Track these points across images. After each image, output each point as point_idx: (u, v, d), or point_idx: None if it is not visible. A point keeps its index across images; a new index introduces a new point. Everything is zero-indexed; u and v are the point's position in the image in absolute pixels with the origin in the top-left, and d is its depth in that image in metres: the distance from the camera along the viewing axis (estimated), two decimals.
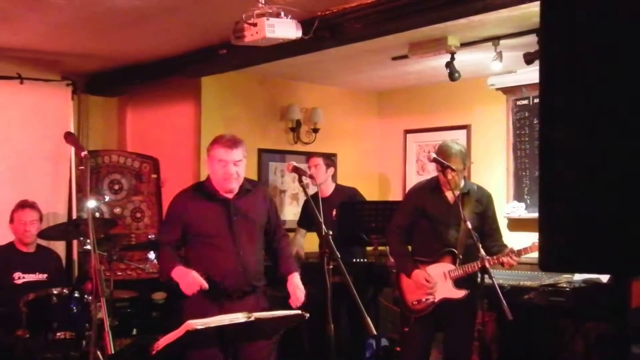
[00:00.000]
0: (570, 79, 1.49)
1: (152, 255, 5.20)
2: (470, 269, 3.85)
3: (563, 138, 1.49)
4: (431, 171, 4.96)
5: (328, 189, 5.29)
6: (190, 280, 3.30)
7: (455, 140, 4.40)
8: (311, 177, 3.47)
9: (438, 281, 3.94)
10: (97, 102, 6.46)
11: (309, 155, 5.46)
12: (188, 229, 3.47)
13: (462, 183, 4.04)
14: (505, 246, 4.00)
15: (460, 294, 3.91)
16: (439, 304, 3.95)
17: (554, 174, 1.50)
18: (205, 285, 3.29)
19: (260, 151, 6.20)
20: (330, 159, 5.41)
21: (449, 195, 3.98)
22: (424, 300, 3.95)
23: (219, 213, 3.46)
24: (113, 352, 2.33)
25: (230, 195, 3.48)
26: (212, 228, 3.44)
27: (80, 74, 5.91)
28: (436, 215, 4.01)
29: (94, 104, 6.43)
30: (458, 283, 3.93)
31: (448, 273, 3.93)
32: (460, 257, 3.92)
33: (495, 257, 3.84)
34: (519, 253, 3.84)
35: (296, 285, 3.50)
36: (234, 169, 3.40)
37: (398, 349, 5.05)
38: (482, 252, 3.70)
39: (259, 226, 3.55)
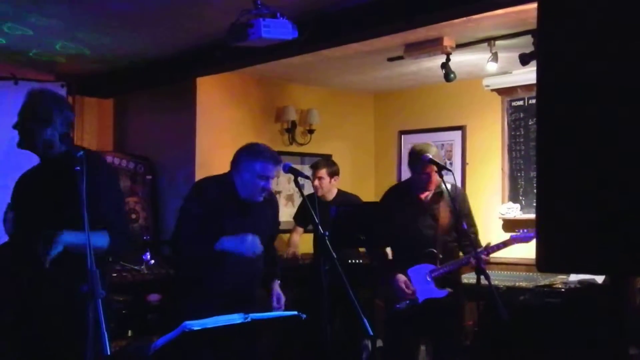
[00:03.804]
0: (569, 78, 1.49)
1: (147, 256, 5.19)
2: (450, 268, 3.88)
3: (561, 138, 1.50)
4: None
5: (330, 194, 5.26)
6: (252, 241, 3.23)
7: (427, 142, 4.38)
8: (315, 188, 3.43)
9: (419, 283, 3.94)
10: (91, 103, 6.44)
11: (313, 167, 5.33)
12: (207, 225, 3.35)
13: (435, 182, 4.04)
14: (476, 241, 3.99)
15: (442, 293, 3.92)
16: (424, 306, 3.94)
17: (552, 174, 1.50)
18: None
19: None
20: (333, 167, 5.30)
21: (423, 196, 4.00)
22: (407, 302, 3.95)
23: (236, 216, 3.41)
24: (109, 353, 2.31)
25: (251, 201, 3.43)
26: (228, 229, 3.37)
27: (75, 75, 5.90)
28: (411, 219, 4.00)
29: (88, 105, 6.41)
30: (440, 283, 3.94)
31: (429, 273, 3.94)
32: (440, 256, 3.94)
33: (476, 255, 3.82)
34: (498, 247, 3.86)
35: (279, 293, 3.54)
36: (270, 183, 3.38)
37: None
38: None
39: (267, 233, 3.53)
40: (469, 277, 4.42)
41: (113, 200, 2.90)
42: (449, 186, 4.02)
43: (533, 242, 3.82)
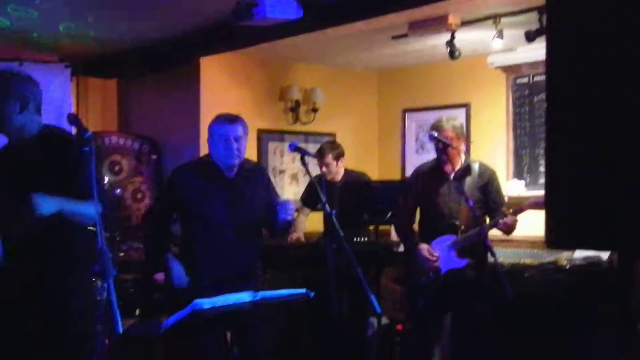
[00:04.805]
0: (577, 55, 1.49)
1: None
2: (471, 238, 3.91)
3: (570, 114, 1.50)
4: (430, 150, 4.96)
5: (338, 175, 5.23)
6: (180, 273, 3.36)
7: (453, 116, 4.41)
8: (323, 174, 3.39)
9: (442, 254, 3.99)
10: (96, 83, 6.44)
11: (318, 154, 5.25)
12: (186, 208, 3.45)
13: (462, 158, 4.08)
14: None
15: (462, 262, 3.96)
16: (447, 278, 4.00)
17: (561, 151, 1.51)
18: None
19: (260, 132, 6.19)
20: (338, 150, 5.25)
21: (450, 172, 4.04)
22: (431, 274, 4.01)
23: (220, 193, 3.44)
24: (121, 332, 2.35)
25: (231, 174, 3.47)
26: (212, 208, 3.41)
27: (79, 56, 5.89)
28: (441, 195, 4.07)
29: (93, 85, 6.41)
30: (462, 254, 3.98)
31: (451, 244, 3.99)
32: (462, 227, 3.97)
33: (492, 222, 3.87)
34: (515, 212, 3.88)
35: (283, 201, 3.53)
36: (235, 144, 3.40)
37: (399, 327, 5.10)
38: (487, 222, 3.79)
39: (257, 207, 3.53)
40: None
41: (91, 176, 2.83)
42: (477, 164, 4.09)
43: (538, 218, 3.84)
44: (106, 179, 5.98)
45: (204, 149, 5.65)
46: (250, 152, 6.09)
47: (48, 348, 2.75)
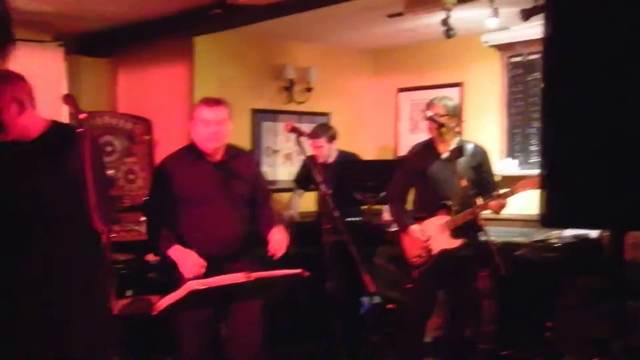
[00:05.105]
0: (575, 34, 1.49)
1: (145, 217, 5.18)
2: (463, 217, 3.93)
3: (566, 93, 1.50)
4: (424, 129, 4.97)
5: (331, 157, 5.23)
6: (191, 262, 3.31)
7: (447, 96, 4.43)
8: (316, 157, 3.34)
9: (435, 234, 4.01)
10: (88, 63, 6.38)
11: (311, 137, 5.23)
12: (178, 193, 3.45)
13: (456, 139, 4.09)
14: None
15: (456, 243, 3.99)
16: (439, 257, 4.02)
17: (556, 131, 1.51)
18: (204, 265, 3.30)
19: (254, 111, 6.17)
20: (330, 132, 5.21)
21: (444, 152, 4.06)
22: (423, 254, 4.04)
23: (208, 176, 3.45)
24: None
25: (217, 158, 3.48)
26: (202, 191, 3.43)
27: (71, 35, 5.83)
28: (434, 174, 4.10)
29: (85, 64, 6.36)
30: (455, 234, 4.00)
31: (445, 224, 4.01)
32: (456, 207, 3.99)
33: (484, 203, 3.90)
34: (504, 195, 3.91)
35: (278, 234, 3.44)
36: (215, 128, 3.39)
37: (391, 306, 5.15)
38: (478, 201, 3.82)
39: (245, 190, 3.54)
40: None
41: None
42: (470, 144, 4.12)
43: (529, 197, 3.87)
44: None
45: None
46: (244, 132, 6.09)
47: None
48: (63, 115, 5.35)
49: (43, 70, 5.38)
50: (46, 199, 2.57)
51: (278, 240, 3.40)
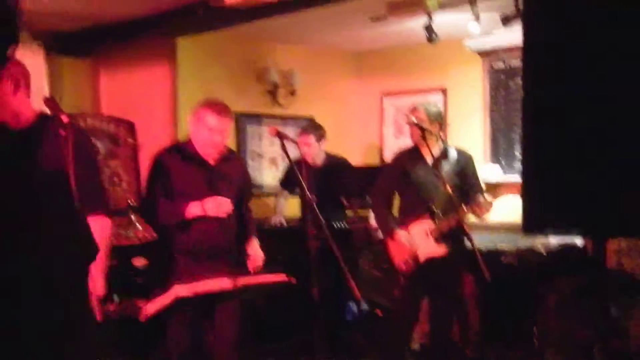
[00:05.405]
0: (553, 39, 1.49)
1: (133, 217, 5.13)
2: (448, 224, 3.94)
3: (548, 100, 1.51)
4: (408, 134, 4.98)
5: (319, 158, 5.21)
6: (217, 201, 3.35)
7: (430, 102, 4.46)
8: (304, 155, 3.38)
9: (420, 240, 4.02)
10: (68, 63, 6.29)
11: (301, 134, 5.21)
12: (170, 190, 3.47)
13: (440, 144, 4.11)
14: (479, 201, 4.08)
15: (442, 250, 3.99)
16: (425, 264, 4.03)
17: (538, 138, 1.52)
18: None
19: (238, 115, 6.15)
20: (320, 131, 5.22)
21: (428, 157, 4.07)
22: (409, 260, 4.04)
23: (201, 176, 3.49)
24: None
25: (211, 161, 3.51)
26: (194, 190, 3.45)
27: (51, 34, 5.75)
28: (419, 179, 4.10)
29: (65, 65, 6.27)
30: (441, 240, 4.01)
31: (429, 230, 4.01)
32: (440, 214, 4.00)
33: (467, 207, 3.90)
34: (488, 201, 3.93)
35: (256, 249, 3.61)
36: (219, 137, 3.42)
37: (378, 312, 5.14)
38: (463, 207, 3.82)
39: (235, 191, 3.59)
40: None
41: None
42: (454, 149, 4.14)
43: (514, 204, 3.88)
44: None
45: (181, 132, 5.61)
46: (230, 137, 6.05)
47: None
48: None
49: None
50: (22, 198, 2.52)
51: (255, 256, 3.54)
